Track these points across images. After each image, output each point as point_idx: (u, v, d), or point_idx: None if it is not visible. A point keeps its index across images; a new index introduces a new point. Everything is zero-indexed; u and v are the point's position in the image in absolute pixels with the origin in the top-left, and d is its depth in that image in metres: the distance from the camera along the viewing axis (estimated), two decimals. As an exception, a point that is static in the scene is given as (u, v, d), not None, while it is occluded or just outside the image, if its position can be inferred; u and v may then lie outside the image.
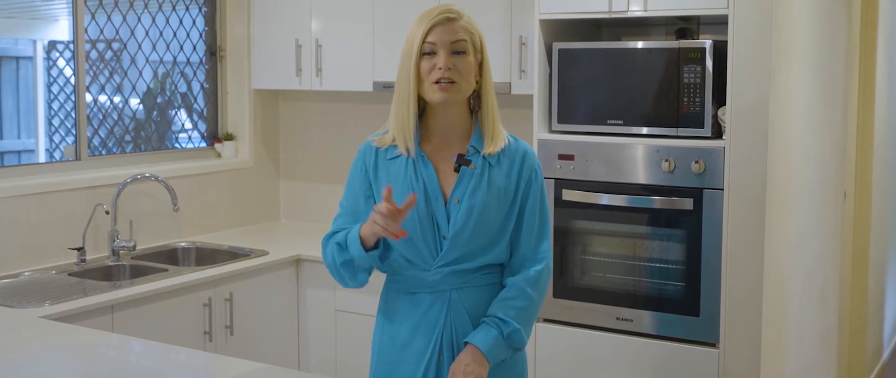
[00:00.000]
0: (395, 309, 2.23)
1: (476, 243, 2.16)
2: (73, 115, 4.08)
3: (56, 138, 5.28)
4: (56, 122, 5.31)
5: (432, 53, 2.13)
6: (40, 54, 6.00)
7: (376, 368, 2.28)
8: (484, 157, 2.18)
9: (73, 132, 4.05)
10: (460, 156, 2.17)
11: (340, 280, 2.21)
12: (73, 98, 4.09)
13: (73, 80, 4.04)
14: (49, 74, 5.56)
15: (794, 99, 3.05)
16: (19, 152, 5.98)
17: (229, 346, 3.64)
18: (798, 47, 3.04)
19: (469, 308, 2.18)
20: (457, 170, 2.17)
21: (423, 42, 2.12)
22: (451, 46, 2.12)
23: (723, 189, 3.21)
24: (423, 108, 2.21)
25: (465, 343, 2.14)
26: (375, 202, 2.20)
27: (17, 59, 6.15)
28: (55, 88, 5.32)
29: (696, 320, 3.29)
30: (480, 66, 2.19)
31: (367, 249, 2.10)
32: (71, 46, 4.05)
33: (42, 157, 5.45)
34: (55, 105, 5.28)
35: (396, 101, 2.18)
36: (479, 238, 2.16)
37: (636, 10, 3.33)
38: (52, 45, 5.70)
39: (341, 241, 2.15)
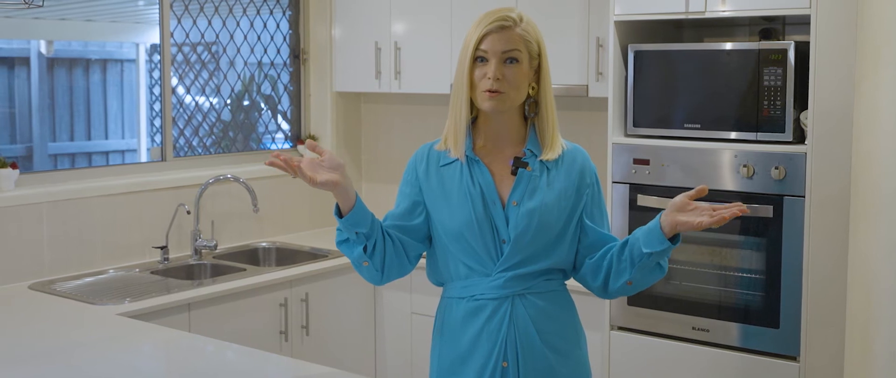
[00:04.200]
0: (456, 320, 2.20)
1: (537, 245, 2.14)
2: (171, 116, 4.23)
3: (157, 138, 5.46)
4: (158, 122, 5.48)
5: (484, 60, 2.12)
6: (143, 57, 6.23)
7: None
8: (541, 161, 2.17)
9: (173, 133, 4.19)
10: (517, 159, 2.16)
11: (357, 269, 2.22)
12: (171, 100, 4.23)
13: (172, 82, 4.19)
14: (151, 76, 5.76)
15: (880, 102, 2.88)
16: (123, 152, 6.22)
17: (305, 346, 3.69)
18: (886, 48, 2.88)
19: (532, 315, 2.15)
20: (514, 172, 2.15)
21: (476, 49, 2.11)
22: (502, 55, 2.10)
23: (804, 196, 3.08)
24: (477, 113, 2.20)
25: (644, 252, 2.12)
26: (426, 209, 2.21)
27: (122, 62, 6.40)
28: (157, 90, 5.49)
29: (776, 332, 3.17)
30: (538, 72, 2.16)
31: (340, 216, 2.10)
32: (171, 50, 4.20)
33: (144, 157, 5.65)
34: (157, 106, 5.46)
35: (451, 104, 2.18)
36: (540, 240, 2.14)
37: (715, 10, 3.22)
38: (154, 48, 5.89)
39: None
